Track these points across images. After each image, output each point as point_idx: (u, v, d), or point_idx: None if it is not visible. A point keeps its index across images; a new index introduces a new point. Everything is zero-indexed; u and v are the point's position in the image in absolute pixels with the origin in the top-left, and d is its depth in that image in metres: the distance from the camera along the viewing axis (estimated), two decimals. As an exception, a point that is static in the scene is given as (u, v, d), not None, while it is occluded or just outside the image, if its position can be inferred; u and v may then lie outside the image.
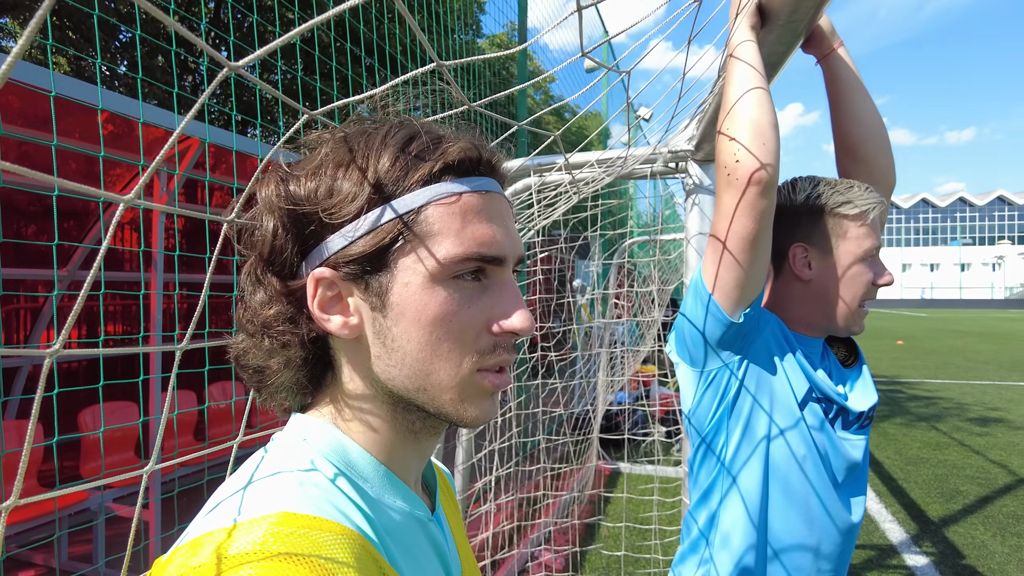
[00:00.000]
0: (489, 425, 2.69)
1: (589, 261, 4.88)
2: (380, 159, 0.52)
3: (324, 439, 0.55)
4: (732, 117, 1.05)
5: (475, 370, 0.54)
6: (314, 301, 0.53)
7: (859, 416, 1.17)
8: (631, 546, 3.79)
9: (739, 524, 1.15)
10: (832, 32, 1.26)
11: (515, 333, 0.54)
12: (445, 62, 0.53)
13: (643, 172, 2.08)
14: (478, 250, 0.52)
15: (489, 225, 0.54)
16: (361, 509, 0.50)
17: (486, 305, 0.54)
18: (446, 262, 0.51)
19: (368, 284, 0.53)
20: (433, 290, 0.52)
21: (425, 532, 0.57)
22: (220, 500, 0.48)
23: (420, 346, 0.53)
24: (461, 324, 0.53)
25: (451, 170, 0.54)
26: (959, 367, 12.91)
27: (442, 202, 0.52)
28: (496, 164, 0.58)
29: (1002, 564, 3.70)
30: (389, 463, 0.57)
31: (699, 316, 1.12)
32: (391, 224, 0.52)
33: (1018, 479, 5.31)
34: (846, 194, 1.14)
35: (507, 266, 0.55)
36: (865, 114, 1.26)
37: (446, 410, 0.55)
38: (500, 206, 0.56)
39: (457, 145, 0.54)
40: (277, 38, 0.56)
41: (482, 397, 0.55)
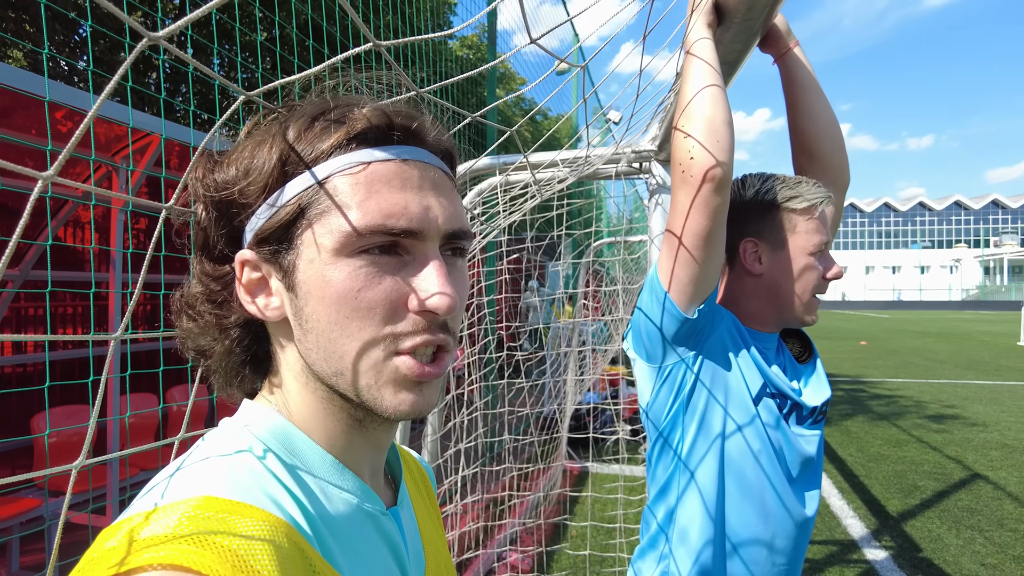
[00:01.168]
0: (455, 426, 2.67)
1: (557, 261, 4.89)
2: (287, 134, 0.51)
3: (267, 426, 0.53)
4: (687, 114, 1.06)
5: (392, 352, 0.50)
6: (240, 283, 0.53)
7: (813, 411, 1.19)
8: (597, 545, 3.80)
9: (696, 519, 1.16)
10: (788, 32, 1.28)
11: (432, 312, 0.50)
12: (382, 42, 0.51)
13: (607, 172, 2.09)
14: (384, 222, 0.49)
15: (402, 194, 0.50)
16: (296, 498, 0.48)
17: (402, 281, 0.50)
18: (347, 235, 0.48)
19: (280, 263, 0.51)
20: (336, 265, 0.49)
21: (376, 526, 0.55)
22: (152, 485, 0.46)
23: (329, 326, 0.50)
24: (370, 300, 0.49)
25: (360, 139, 0.51)
26: (918, 366, 13.26)
27: (347, 172, 0.50)
28: (420, 131, 0.54)
29: (956, 556, 3.80)
30: (337, 453, 0.54)
31: (655, 312, 1.12)
32: (295, 199, 0.50)
33: (972, 474, 5.47)
34: (795, 189, 1.16)
35: (428, 240, 0.51)
36: (820, 112, 1.28)
37: (365, 397, 0.51)
38: (424, 174, 0.52)
39: (364, 112, 0.51)
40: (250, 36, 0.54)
41: (403, 386, 0.51)
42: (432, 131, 0.55)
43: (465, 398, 2.73)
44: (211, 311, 0.54)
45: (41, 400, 4.04)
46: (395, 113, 0.52)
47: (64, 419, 3.95)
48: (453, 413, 2.67)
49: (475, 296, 2.81)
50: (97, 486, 3.56)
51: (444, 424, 2.60)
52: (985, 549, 3.89)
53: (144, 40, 0.39)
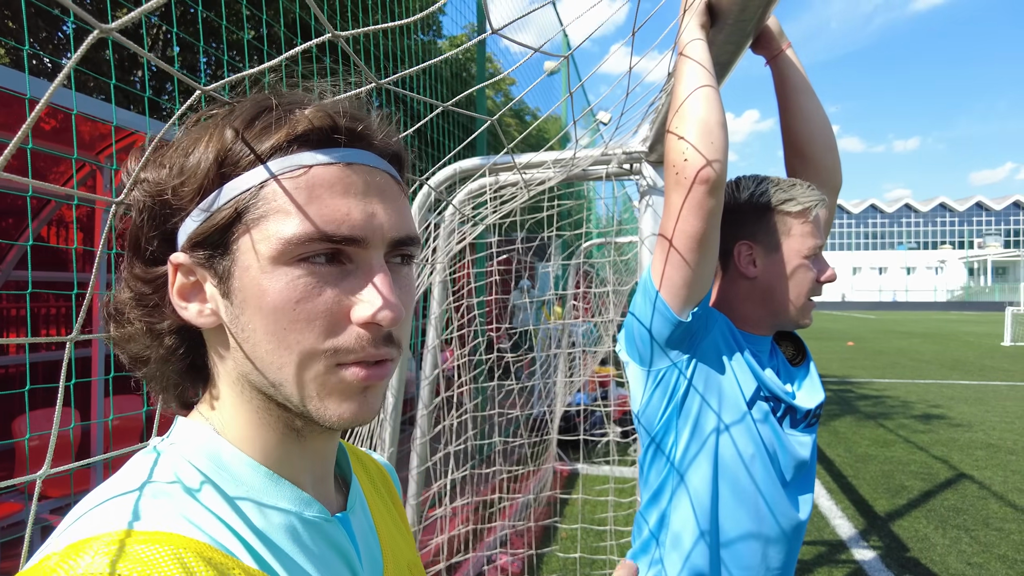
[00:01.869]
0: (444, 428, 2.65)
1: (547, 262, 4.88)
2: (225, 133, 0.48)
3: (196, 443, 0.51)
4: (681, 116, 1.05)
5: (333, 365, 0.48)
6: (173, 288, 0.50)
7: (807, 414, 1.18)
8: (587, 547, 3.79)
9: (689, 524, 1.15)
10: (780, 33, 1.28)
11: (376, 324, 0.48)
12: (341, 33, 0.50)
13: (598, 173, 2.08)
14: (325, 228, 0.46)
15: (344, 200, 0.48)
16: (221, 518, 0.46)
17: (344, 292, 0.48)
18: (286, 243, 0.46)
19: (215, 269, 0.49)
20: (273, 274, 0.47)
21: (320, 533, 0.53)
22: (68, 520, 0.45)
23: (267, 336, 0.47)
24: (308, 312, 0.47)
25: (302, 141, 0.48)
26: (905, 367, 13.37)
27: (287, 176, 0.47)
28: (366, 133, 0.51)
29: (943, 555, 3.83)
30: (272, 464, 0.52)
31: (648, 315, 1.11)
32: (231, 203, 0.47)
33: (958, 473, 5.51)
34: (789, 192, 1.15)
35: (372, 248, 0.49)
36: (813, 114, 1.28)
37: (307, 408, 0.49)
38: (369, 180, 0.50)
39: (306, 113, 0.49)
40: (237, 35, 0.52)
41: (348, 395, 0.49)
42: (379, 133, 0.53)
43: (455, 400, 2.71)
44: (141, 317, 0.52)
45: (22, 403, 3.98)
46: (340, 114, 0.50)
47: (46, 422, 3.89)
48: (443, 415, 2.65)
49: (465, 297, 2.79)
50: (80, 490, 3.51)
51: (434, 426, 2.58)
52: (971, 548, 3.92)
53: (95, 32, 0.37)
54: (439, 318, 2.51)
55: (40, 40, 8.61)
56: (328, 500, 0.58)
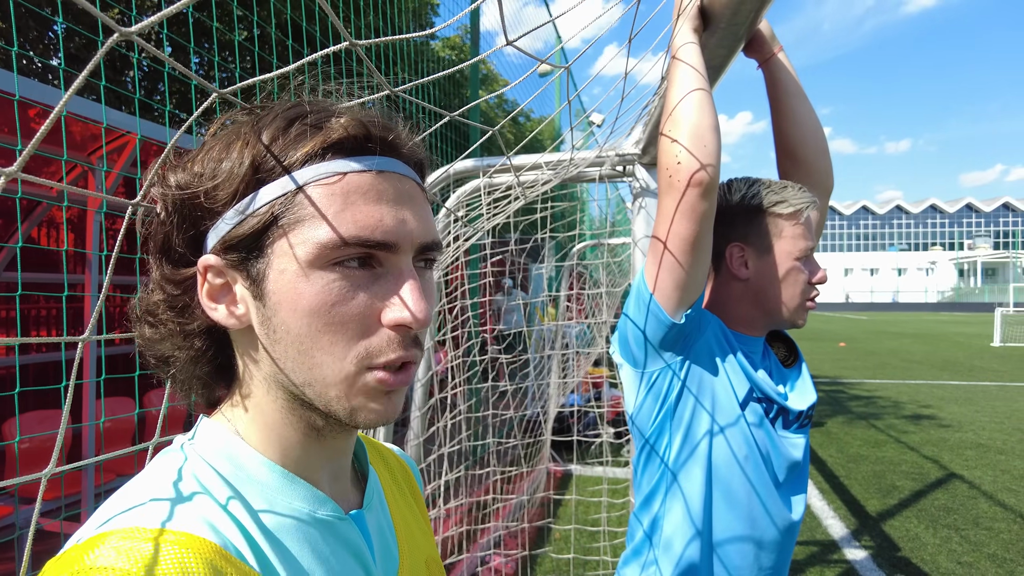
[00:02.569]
0: (439, 429, 2.65)
1: (540, 264, 4.89)
2: (260, 139, 0.49)
3: (212, 442, 0.53)
4: (674, 119, 1.06)
5: (364, 367, 0.50)
6: (203, 289, 0.52)
7: (799, 415, 1.19)
8: (581, 548, 3.79)
9: (683, 525, 1.16)
10: (772, 37, 1.28)
11: (406, 327, 0.50)
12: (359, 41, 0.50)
13: (591, 175, 2.09)
14: (359, 234, 0.48)
15: (377, 207, 0.49)
16: (234, 518, 0.48)
17: (376, 295, 0.50)
18: (322, 247, 0.48)
19: (248, 271, 0.50)
20: (309, 278, 0.48)
21: (334, 533, 0.54)
22: (99, 513, 0.47)
23: (300, 338, 0.49)
24: (342, 315, 0.49)
25: (336, 148, 0.50)
26: (896, 367, 13.45)
27: (322, 182, 0.49)
28: (396, 142, 0.53)
29: (933, 555, 3.85)
30: (289, 464, 0.54)
31: (641, 317, 1.12)
32: (267, 207, 0.49)
33: (948, 473, 5.55)
34: (780, 194, 1.16)
35: (402, 253, 0.51)
36: (805, 117, 1.28)
37: (334, 408, 0.51)
38: (399, 187, 0.52)
39: (341, 121, 0.50)
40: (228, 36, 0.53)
41: (374, 397, 0.51)
42: (407, 142, 0.55)
43: (449, 401, 2.71)
44: (173, 318, 0.54)
45: (12, 405, 3.96)
46: (372, 123, 0.52)
47: (37, 424, 3.86)
48: (437, 416, 2.65)
49: (459, 299, 2.79)
50: (71, 492, 3.48)
51: (427, 427, 2.58)
52: (961, 547, 3.95)
53: (115, 35, 0.37)
54: (433, 319, 2.51)
55: (30, 40, 8.54)
56: (344, 497, 0.60)
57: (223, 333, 0.55)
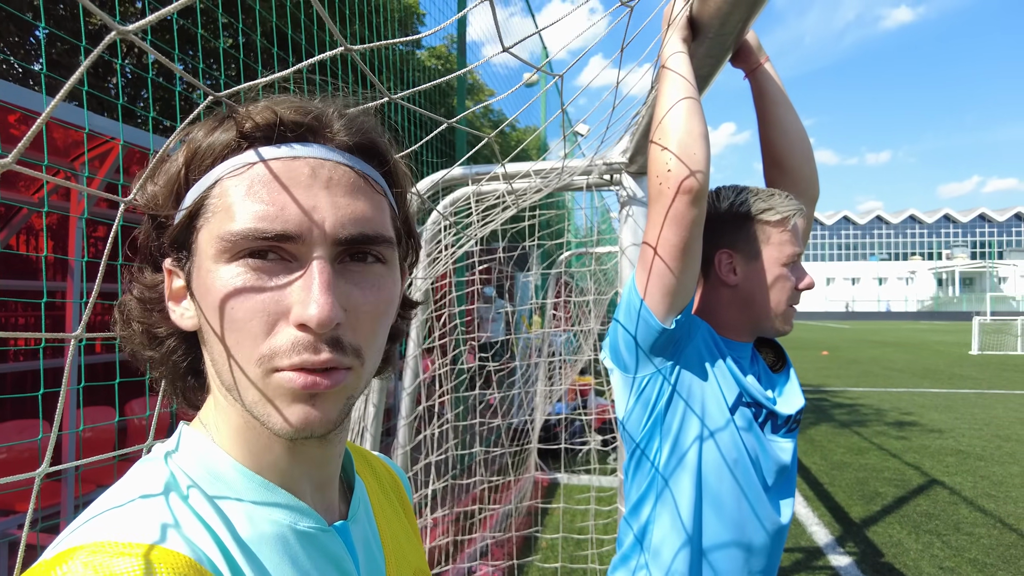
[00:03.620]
0: (425, 438, 2.63)
1: (527, 272, 4.90)
2: (196, 137, 0.49)
3: (191, 452, 0.51)
4: (663, 128, 1.07)
5: (271, 369, 0.46)
6: (168, 292, 0.52)
7: (787, 420, 1.20)
8: (568, 557, 3.78)
9: (673, 528, 1.16)
10: (759, 48, 1.31)
11: (307, 326, 0.45)
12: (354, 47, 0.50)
13: (579, 184, 2.10)
14: (256, 225, 0.45)
15: (280, 195, 0.46)
16: (211, 530, 0.46)
17: (283, 291, 0.46)
18: (222, 241, 0.46)
19: (185, 270, 0.51)
20: (215, 273, 0.46)
21: (315, 545, 0.52)
22: (72, 527, 0.45)
23: (213, 337, 0.47)
24: (244, 312, 0.45)
25: (251, 138, 0.48)
26: (878, 375, 13.61)
27: (233, 174, 0.47)
28: (315, 126, 0.49)
29: (916, 560, 3.89)
30: (266, 472, 0.51)
31: (632, 323, 1.13)
32: (192, 205, 0.48)
33: (930, 479, 5.62)
34: (768, 201, 1.18)
35: (312, 245, 0.46)
36: (791, 127, 1.30)
37: (255, 413, 0.48)
38: (318, 173, 0.48)
39: (249, 110, 0.49)
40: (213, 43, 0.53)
41: (292, 400, 0.47)
42: (339, 125, 0.51)
43: (436, 410, 2.70)
44: (144, 320, 0.54)
45: (-9, 415, 3.88)
46: (287, 108, 0.49)
47: (15, 434, 3.79)
48: (423, 425, 2.64)
49: (446, 307, 2.79)
50: (49, 504, 3.41)
51: (414, 436, 2.57)
52: (943, 553, 4.00)
53: (113, 33, 0.38)
54: (420, 327, 2.51)
55: (11, 45, 8.45)
56: (329, 507, 0.57)
57: (195, 335, 0.54)
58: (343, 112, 0.52)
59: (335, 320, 0.45)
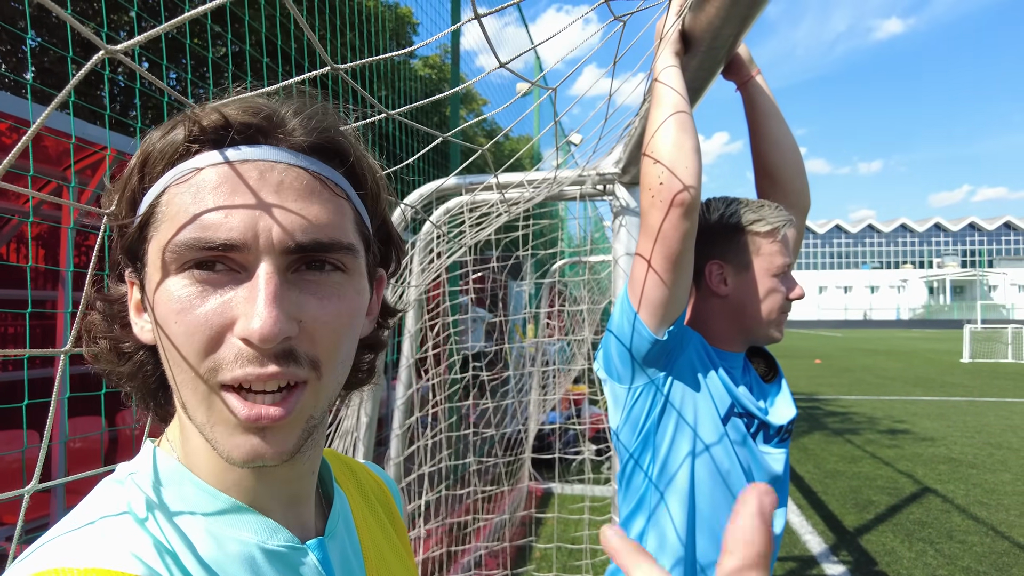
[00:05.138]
0: (419, 448, 2.63)
1: (521, 281, 4.90)
2: (149, 143, 0.47)
3: (153, 470, 0.49)
4: (655, 142, 1.08)
5: (218, 385, 0.44)
6: (130, 304, 0.50)
7: (780, 429, 1.21)
8: (562, 566, 3.77)
9: (667, 539, 1.16)
10: (750, 60, 1.32)
11: (247, 341, 0.43)
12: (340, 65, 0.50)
13: (572, 194, 2.11)
14: (200, 234, 0.43)
15: (225, 201, 0.44)
16: (170, 551, 0.44)
17: (229, 302, 0.44)
18: (164, 251, 0.44)
19: (141, 282, 0.49)
20: (163, 284, 0.44)
21: (285, 563, 0.50)
22: (31, 550, 0.43)
23: (164, 353, 0.45)
24: (188, 325, 0.43)
25: (200, 142, 0.46)
26: (870, 383, 13.66)
27: (180, 180, 0.45)
28: (267, 127, 0.47)
29: (909, 568, 3.90)
30: (232, 489, 0.49)
31: (625, 334, 1.13)
32: (143, 214, 0.47)
33: (923, 487, 5.63)
34: (758, 212, 1.19)
35: (258, 254, 0.44)
36: (782, 138, 1.32)
37: (205, 436, 0.45)
38: (267, 177, 0.45)
39: (196, 113, 0.46)
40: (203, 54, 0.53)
41: (235, 428, 0.44)
42: (294, 124, 0.48)
43: (429, 420, 2.69)
44: (108, 334, 0.52)
45: (-21, 426, 3.83)
46: (236, 109, 0.46)
47: (3, 445, 3.75)
48: (417, 435, 2.63)
49: (440, 316, 2.79)
50: (36, 516, 3.38)
51: (407, 446, 2.56)
52: (936, 561, 4.00)
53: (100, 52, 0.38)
54: (414, 336, 2.50)
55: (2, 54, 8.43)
56: (303, 524, 0.55)
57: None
58: (299, 110, 0.49)
59: (280, 335, 0.42)
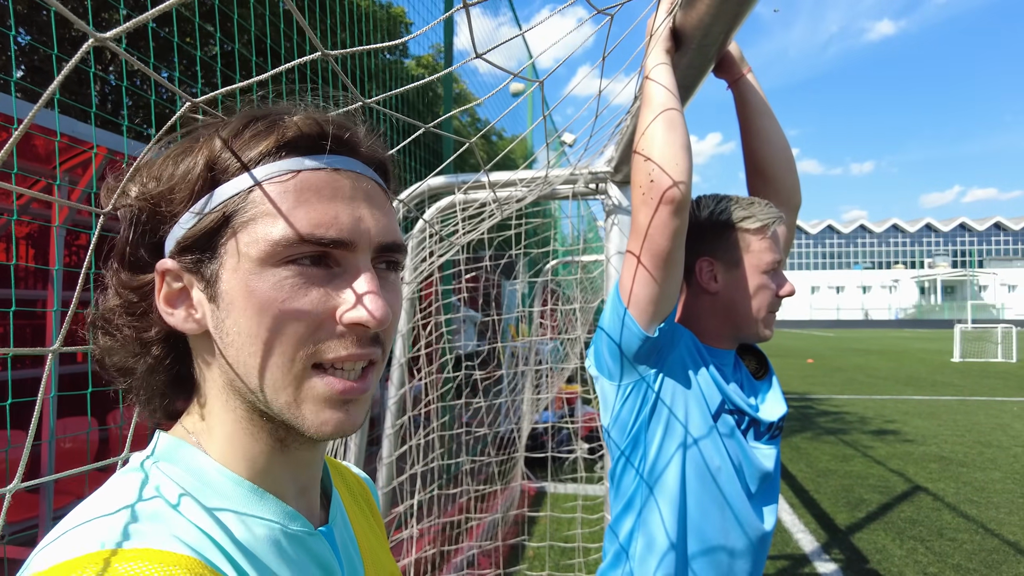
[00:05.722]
0: (412, 448, 2.62)
1: (514, 280, 4.90)
2: (214, 141, 0.49)
3: (177, 458, 0.51)
4: (646, 138, 1.08)
5: (310, 365, 0.49)
6: (160, 294, 0.51)
7: (770, 426, 1.21)
8: (555, 565, 3.77)
9: (658, 535, 1.16)
10: (741, 58, 1.32)
11: (363, 326, 0.48)
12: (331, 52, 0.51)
13: (565, 193, 2.12)
14: (313, 231, 0.47)
15: (332, 204, 0.49)
16: (207, 533, 0.46)
17: (331, 293, 0.49)
18: (274, 244, 0.47)
19: (203, 273, 0.50)
20: (261, 275, 0.47)
21: (304, 547, 0.53)
22: (55, 536, 0.43)
23: (251, 338, 0.48)
24: (294, 312, 0.47)
25: (291, 147, 0.50)
26: (862, 383, 13.73)
27: (276, 180, 0.48)
28: (352, 141, 0.52)
29: (900, 567, 3.92)
30: (256, 477, 0.52)
31: (616, 331, 1.13)
32: (220, 207, 0.48)
33: (913, 485, 5.66)
34: (748, 209, 1.19)
35: (359, 252, 0.50)
36: (773, 136, 1.32)
37: (285, 415, 0.49)
38: (356, 185, 0.51)
39: (295, 120, 0.50)
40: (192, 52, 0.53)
41: (325, 403, 0.49)
42: (366, 142, 0.54)
43: (421, 419, 2.69)
44: (130, 324, 0.52)
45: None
46: (327, 122, 0.51)
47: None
48: (409, 435, 2.63)
49: (432, 315, 2.78)
50: (26, 517, 3.35)
51: (399, 446, 2.55)
52: (926, 558, 4.03)
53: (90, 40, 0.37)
54: (406, 335, 2.50)
55: (-7, 52, 8.36)
56: (311, 513, 0.58)
57: (182, 341, 0.54)
58: (368, 129, 0.55)
59: (387, 319, 0.49)
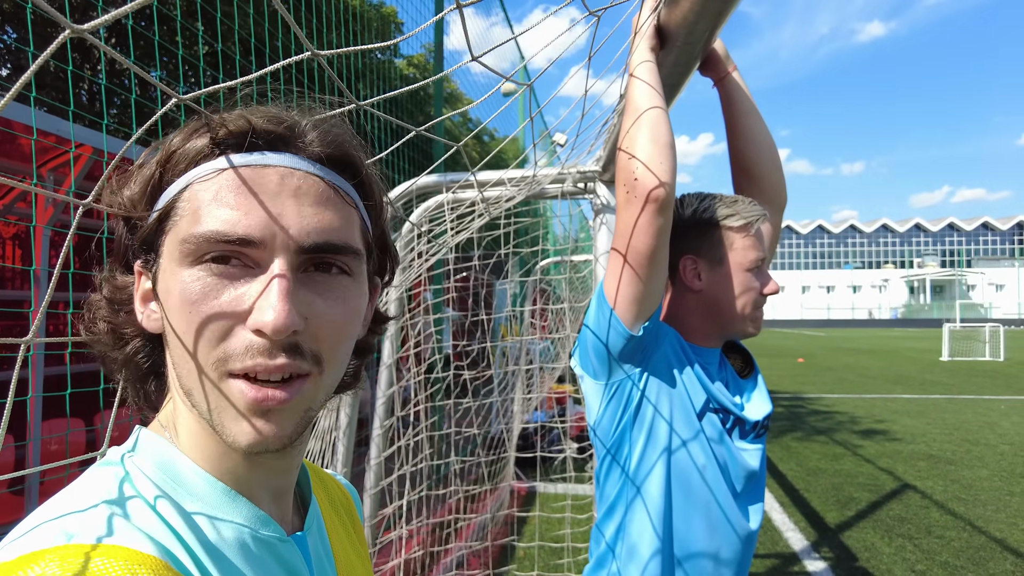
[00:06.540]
0: (400, 448, 2.61)
1: (504, 280, 4.90)
2: (172, 142, 0.50)
3: (151, 454, 0.51)
4: (631, 136, 1.08)
5: (224, 373, 0.47)
6: (136, 293, 0.52)
7: (755, 425, 1.21)
8: (545, 565, 3.77)
9: (644, 534, 1.16)
10: (727, 57, 1.32)
11: (261, 332, 0.45)
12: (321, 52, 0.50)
13: (553, 192, 2.11)
14: (219, 228, 0.46)
15: (246, 201, 0.47)
16: (176, 532, 0.45)
17: (243, 296, 0.46)
18: (184, 243, 0.47)
19: (152, 272, 0.51)
20: (178, 275, 0.47)
21: (274, 553, 0.52)
22: (14, 533, 0.42)
23: (174, 341, 0.48)
24: (202, 315, 0.46)
25: (223, 145, 0.49)
26: (852, 382, 13.81)
27: (203, 179, 0.48)
28: (288, 136, 0.50)
29: (889, 564, 3.94)
30: (227, 478, 0.51)
31: (601, 330, 1.13)
32: (163, 208, 0.49)
33: (902, 484, 5.70)
34: (731, 207, 1.19)
35: (274, 252, 0.47)
36: (758, 135, 1.32)
37: (211, 422, 0.48)
38: (286, 181, 0.49)
39: (225, 117, 0.50)
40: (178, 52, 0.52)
41: (242, 413, 0.47)
42: (313, 136, 0.52)
43: (411, 419, 2.68)
44: (111, 320, 0.54)
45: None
46: (260, 117, 0.50)
47: (-22, 448, 3.67)
48: (398, 435, 2.62)
49: (421, 315, 2.77)
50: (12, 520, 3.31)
51: (388, 446, 2.54)
52: (915, 556, 4.06)
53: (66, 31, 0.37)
54: (395, 335, 2.49)
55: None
56: (285, 519, 0.57)
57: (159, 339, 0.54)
58: (318, 123, 0.53)
59: (291, 327, 0.45)
